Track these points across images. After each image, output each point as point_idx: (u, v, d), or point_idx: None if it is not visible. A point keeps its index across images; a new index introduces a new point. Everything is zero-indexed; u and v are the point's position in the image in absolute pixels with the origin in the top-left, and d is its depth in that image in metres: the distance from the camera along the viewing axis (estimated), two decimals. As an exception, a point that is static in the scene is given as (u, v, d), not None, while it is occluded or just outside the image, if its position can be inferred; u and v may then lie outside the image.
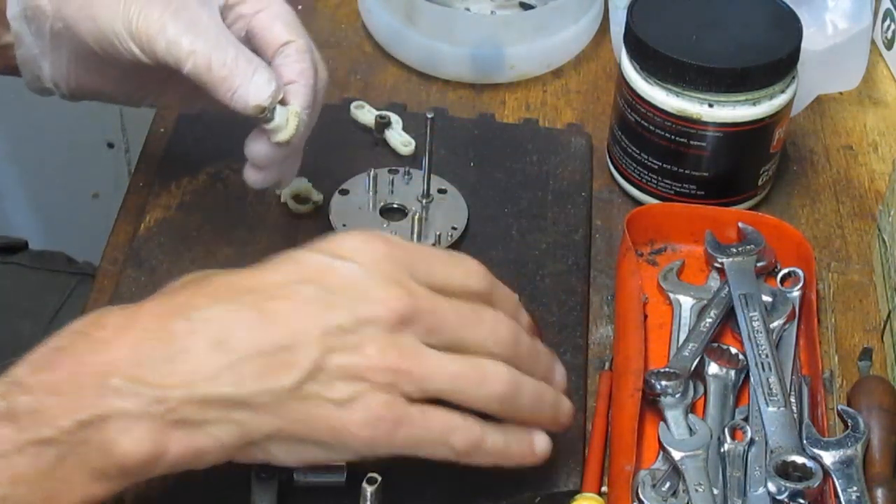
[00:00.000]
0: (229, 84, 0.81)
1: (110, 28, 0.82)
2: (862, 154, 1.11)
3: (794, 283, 0.95)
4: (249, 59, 0.81)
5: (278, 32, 0.84)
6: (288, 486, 0.81)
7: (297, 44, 0.84)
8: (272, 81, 0.81)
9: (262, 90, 0.81)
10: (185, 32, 0.80)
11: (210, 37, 0.81)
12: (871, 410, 0.86)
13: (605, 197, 1.05)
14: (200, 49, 0.80)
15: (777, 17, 1.00)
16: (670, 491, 0.82)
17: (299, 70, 0.84)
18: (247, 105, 0.81)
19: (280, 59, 0.84)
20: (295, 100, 0.83)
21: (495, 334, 0.75)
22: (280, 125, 0.83)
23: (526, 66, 1.15)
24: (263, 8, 0.85)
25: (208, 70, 0.80)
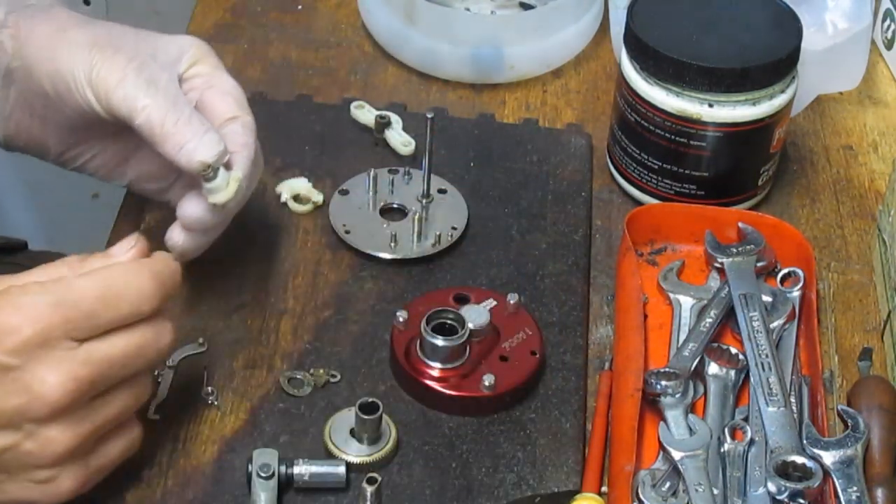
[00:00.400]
0: (178, 139, 0.82)
1: (70, 73, 0.83)
2: (862, 154, 1.11)
3: (794, 283, 0.95)
4: (202, 120, 0.83)
5: (227, 107, 0.87)
6: (288, 486, 0.81)
7: (243, 119, 0.87)
8: (221, 143, 0.83)
9: (211, 148, 0.82)
10: (145, 86, 0.82)
11: (167, 95, 0.83)
12: (871, 410, 0.86)
13: (605, 197, 1.05)
14: (156, 103, 0.82)
15: (777, 17, 1.00)
16: (670, 491, 0.82)
17: (243, 142, 0.86)
18: (192, 160, 0.82)
19: (226, 131, 0.86)
20: (238, 167, 0.85)
21: (157, 357, 0.78)
22: (220, 186, 0.84)
23: (526, 66, 1.15)
24: (215, 84, 0.87)
25: (161, 124, 0.82)
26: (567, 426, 0.87)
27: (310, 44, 1.18)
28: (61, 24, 0.85)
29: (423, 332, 0.86)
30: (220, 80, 0.88)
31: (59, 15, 0.86)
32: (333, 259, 0.97)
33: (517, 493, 0.83)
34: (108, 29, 0.86)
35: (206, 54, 0.88)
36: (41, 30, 0.85)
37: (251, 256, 0.97)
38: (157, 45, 0.86)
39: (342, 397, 0.87)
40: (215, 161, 0.83)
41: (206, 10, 1.21)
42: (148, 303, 0.75)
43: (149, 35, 0.87)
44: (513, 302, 0.91)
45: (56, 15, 0.86)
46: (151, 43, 0.86)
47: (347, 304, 0.94)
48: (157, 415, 0.85)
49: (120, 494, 0.81)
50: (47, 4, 0.87)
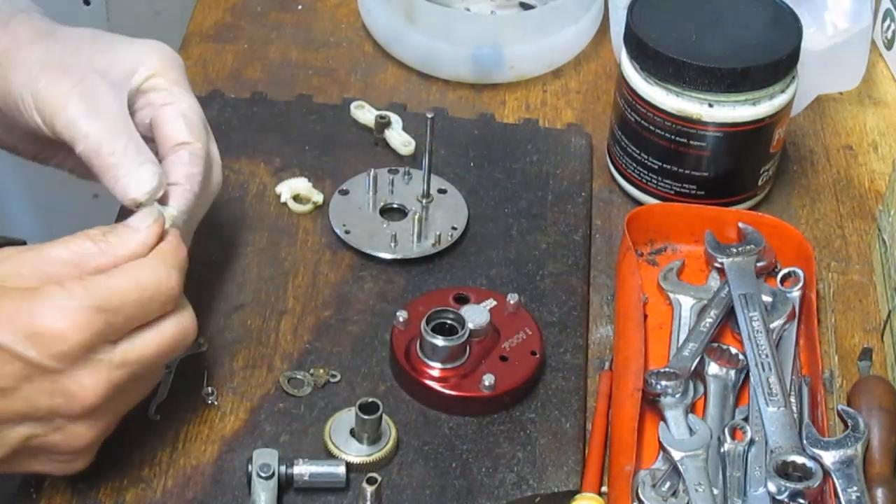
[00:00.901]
0: (114, 172, 0.81)
1: (18, 93, 0.82)
2: (862, 154, 1.11)
3: (794, 283, 0.95)
4: (139, 151, 0.82)
5: (178, 131, 0.85)
6: (288, 485, 0.81)
7: (192, 147, 0.85)
8: (154, 179, 0.82)
9: (143, 186, 0.81)
10: (85, 114, 0.81)
11: (107, 122, 0.81)
12: (871, 410, 0.86)
13: (605, 197, 1.05)
14: (94, 133, 0.81)
15: (777, 17, 1.00)
16: (670, 491, 0.82)
17: (186, 174, 0.84)
18: (125, 196, 0.81)
19: (173, 158, 0.84)
20: (174, 202, 0.84)
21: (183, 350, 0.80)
22: None
23: (526, 66, 1.15)
24: (172, 102, 0.85)
25: (98, 154, 0.81)
26: (567, 426, 0.87)
27: (310, 44, 1.18)
28: (16, 40, 0.84)
29: (423, 332, 0.86)
30: (177, 97, 0.85)
31: (17, 29, 0.85)
32: (333, 259, 0.97)
33: (517, 493, 0.83)
34: (64, 44, 0.84)
35: (167, 67, 0.86)
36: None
37: (251, 256, 0.97)
38: (115, 56, 0.85)
39: (342, 397, 0.87)
40: (146, 199, 0.81)
41: (206, 10, 1.21)
42: (174, 301, 0.78)
43: (109, 43, 0.86)
44: (513, 302, 0.91)
45: (14, 29, 0.85)
46: (109, 55, 0.85)
47: (347, 304, 0.94)
48: (157, 415, 0.85)
49: (120, 494, 0.81)
50: (10, 13, 0.86)
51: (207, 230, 0.98)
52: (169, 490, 0.82)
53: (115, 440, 0.82)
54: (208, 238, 0.97)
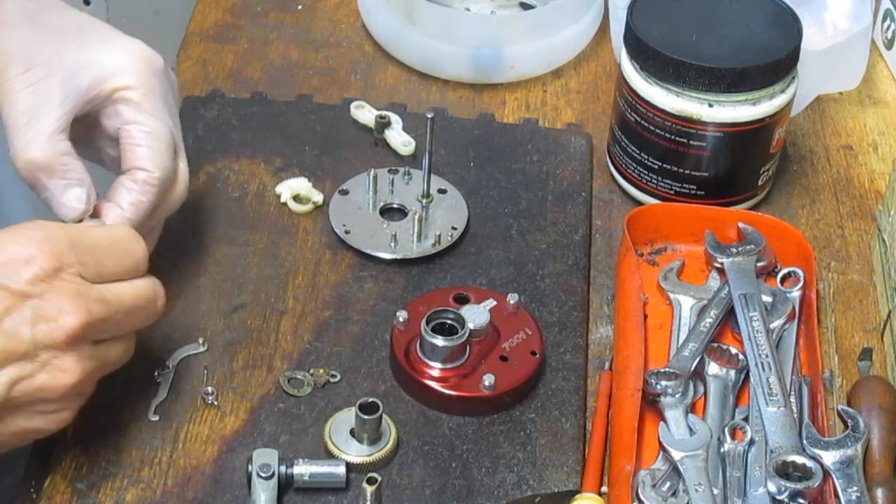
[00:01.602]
0: (38, 190, 0.83)
1: None
2: (862, 154, 1.11)
3: (794, 283, 0.95)
4: (65, 172, 0.83)
5: (138, 155, 0.85)
6: (288, 485, 0.81)
7: (147, 175, 0.84)
8: (80, 204, 0.83)
9: (68, 211, 0.83)
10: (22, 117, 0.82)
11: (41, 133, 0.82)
12: (871, 410, 0.86)
13: (605, 197, 1.05)
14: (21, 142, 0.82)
15: (777, 17, 1.00)
16: (670, 491, 0.82)
17: (132, 200, 0.84)
18: (57, 213, 0.83)
19: (125, 180, 0.85)
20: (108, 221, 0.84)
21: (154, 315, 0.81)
22: None
23: (526, 66, 1.15)
24: (139, 122, 0.85)
25: (21, 168, 0.83)
26: (567, 426, 0.87)
27: (310, 44, 1.18)
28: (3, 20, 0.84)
29: (423, 332, 0.86)
30: (146, 117, 0.85)
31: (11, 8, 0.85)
32: (333, 259, 0.97)
33: (517, 493, 0.83)
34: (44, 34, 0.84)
35: (144, 81, 0.85)
36: None
37: (251, 256, 0.97)
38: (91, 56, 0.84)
39: (342, 397, 0.87)
40: (71, 220, 0.83)
41: (206, 10, 1.21)
42: (143, 265, 0.79)
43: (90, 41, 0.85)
44: (513, 302, 0.91)
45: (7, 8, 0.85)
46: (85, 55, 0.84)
47: (347, 304, 0.94)
48: (156, 415, 0.85)
49: (120, 494, 0.81)
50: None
51: (207, 230, 0.98)
52: (169, 490, 0.82)
53: (115, 440, 0.82)
54: (208, 238, 0.97)
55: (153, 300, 0.80)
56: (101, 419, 0.84)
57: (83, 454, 0.83)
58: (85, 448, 0.83)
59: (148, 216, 0.85)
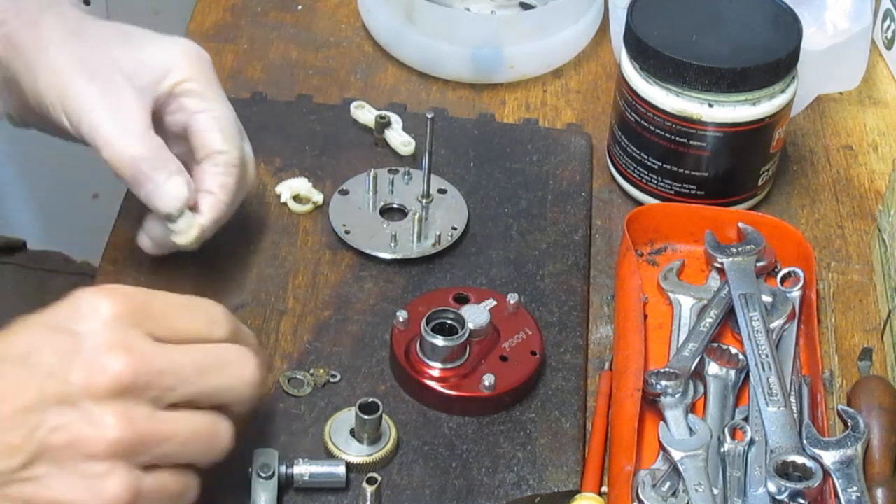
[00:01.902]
0: (141, 184, 0.82)
1: (47, 96, 0.83)
2: (862, 154, 1.11)
3: (794, 283, 0.95)
4: (165, 163, 0.82)
5: (214, 139, 0.85)
6: (288, 485, 0.81)
7: (227, 156, 0.85)
8: (183, 191, 0.82)
9: (172, 200, 0.82)
10: (109, 122, 0.82)
11: (133, 132, 0.82)
12: (871, 410, 0.86)
13: (605, 197, 1.05)
14: (119, 143, 0.82)
15: (777, 17, 1.00)
16: (670, 491, 0.82)
17: (220, 183, 0.85)
18: (153, 206, 0.82)
19: (207, 166, 0.85)
20: (206, 211, 0.85)
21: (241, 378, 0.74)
22: (182, 230, 0.85)
23: (526, 66, 1.15)
24: (206, 109, 0.86)
25: (122, 165, 0.82)
26: (567, 426, 0.87)
27: (310, 44, 1.18)
28: (46, 40, 0.84)
29: (423, 332, 0.86)
30: (211, 103, 0.86)
31: (47, 29, 0.85)
32: (333, 259, 0.97)
33: (517, 493, 0.83)
34: (92, 45, 0.85)
35: (199, 70, 0.86)
36: (27, 47, 0.85)
37: (251, 256, 0.97)
38: (144, 58, 0.85)
39: (342, 397, 0.87)
40: (176, 211, 0.82)
41: (206, 10, 1.21)
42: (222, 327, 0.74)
43: (138, 44, 0.86)
44: (513, 302, 0.91)
45: (43, 28, 0.85)
46: (137, 57, 0.85)
47: (347, 304, 0.94)
48: (157, 415, 0.85)
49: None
50: (39, 11, 0.86)
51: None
52: (169, 490, 0.81)
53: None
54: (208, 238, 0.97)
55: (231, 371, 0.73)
56: (101, 419, 0.84)
57: (83, 454, 0.83)
58: (85, 448, 0.83)
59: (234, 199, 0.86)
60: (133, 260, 0.95)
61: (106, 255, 0.97)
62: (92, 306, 0.70)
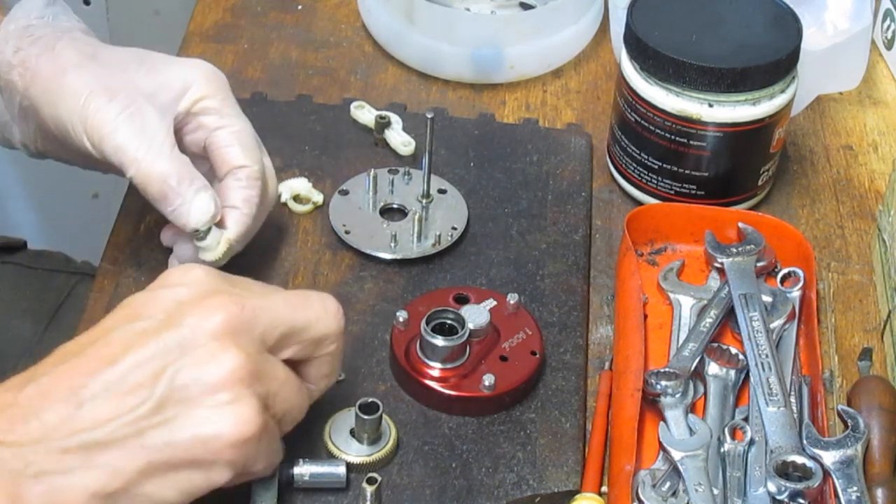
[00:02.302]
0: (169, 201, 0.83)
1: (68, 119, 0.84)
2: (862, 154, 1.11)
3: (794, 283, 0.95)
4: (192, 179, 0.83)
5: (234, 155, 0.86)
6: (288, 486, 0.81)
7: (249, 170, 0.86)
8: (210, 206, 0.83)
9: (200, 215, 0.83)
10: (134, 139, 0.82)
11: (157, 148, 0.83)
12: (871, 410, 0.86)
13: (605, 197, 1.05)
14: (144, 160, 0.82)
15: (777, 17, 1.00)
16: (670, 491, 0.82)
17: (245, 197, 0.86)
18: (181, 223, 0.83)
19: (230, 181, 0.86)
20: (232, 226, 0.85)
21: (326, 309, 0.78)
22: (210, 246, 0.85)
23: (526, 66, 1.15)
24: (225, 126, 0.86)
25: (149, 183, 0.83)
26: (567, 426, 0.87)
27: (310, 44, 1.18)
28: (63, 65, 0.85)
29: (423, 332, 0.86)
30: (230, 119, 0.87)
31: (63, 52, 0.86)
32: (333, 259, 0.97)
33: (517, 493, 0.83)
34: (109, 68, 0.85)
35: (215, 87, 0.87)
36: (43, 72, 0.85)
37: (251, 256, 0.96)
38: (161, 78, 0.86)
39: (342, 397, 0.87)
40: (204, 226, 0.83)
41: (206, 10, 1.21)
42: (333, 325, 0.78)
43: (154, 65, 0.87)
44: (513, 302, 0.91)
45: (59, 52, 0.86)
46: (155, 77, 0.86)
47: (347, 304, 0.93)
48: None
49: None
50: (55, 36, 0.87)
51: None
52: (169, 490, 0.81)
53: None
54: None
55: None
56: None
57: (83, 454, 0.83)
58: (85, 448, 0.83)
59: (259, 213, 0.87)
60: (133, 260, 0.95)
61: (106, 255, 0.97)
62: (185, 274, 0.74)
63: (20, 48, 0.86)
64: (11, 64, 0.86)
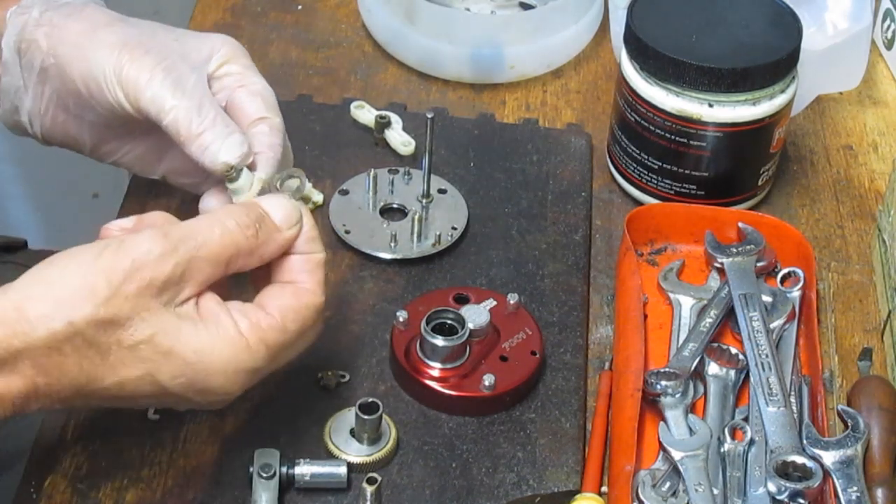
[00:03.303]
0: (203, 140, 0.83)
1: (101, 71, 0.84)
2: (862, 154, 1.11)
3: (794, 283, 0.95)
4: (227, 122, 0.84)
5: (257, 108, 0.87)
6: (288, 486, 0.81)
7: (272, 121, 0.87)
8: (244, 145, 0.84)
9: (234, 150, 0.83)
10: (172, 88, 0.83)
11: (194, 96, 0.83)
12: (871, 410, 0.86)
13: (605, 197, 1.05)
14: (183, 105, 0.83)
15: (777, 17, 1.00)
16: (670, 491, 0.82)
17: (269, 143, 0.86)
18: (216, 161, 0.83)
19: (254, 131, 0.86)
20: (262, 168, 0.85)
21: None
22: (242, 187, 0.85)
23: (526, 66, 1.15)
24: (246, 84, 0.87)
25: (187, 124, 0.83)
26: (567, 426, 0.87)
27: (310, 44, 1.18)
28: (93, 23, 0.86)
29: (423, 332, 0.86)
30: (251, 80, 0.88)
31: (93, 14, 0.87)
32: (333, 259, 0.97)
33: (517, 493, 0.83)
34: (140, 29, 0.87)
35: (238, 54, 0.88)
36: (74, 28, 0.86)
37: (251, 256, 0.96)
38: (189, 44, 0.87)
39: (342, 397, 0.87)
40: (238, 162, 0.83)
41: (206, 10, 1.21)
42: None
43: (181, 34, 0.88)
44: (513, 302, 0.91)
45: (89, 14, 0.87)
46: (183, 42, 0.87)
47: (347, 304, 0.94)
48: (157, 415, 0.85)
49: (120, 494, 0.81)
50: (81, 3, 0.88)
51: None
52: (169, 490, 0.82)
53: (115, 440, 0.82)
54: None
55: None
56: (101, 419, 0.84)
57: (83, 454, 0.83)
58: (85, 448, 0.83)
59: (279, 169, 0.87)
60: (133, 260, 0.95)
61: (106, 255, 0.97)
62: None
63: (47, 9, 0.87)
64: (39, 22, 0.87)
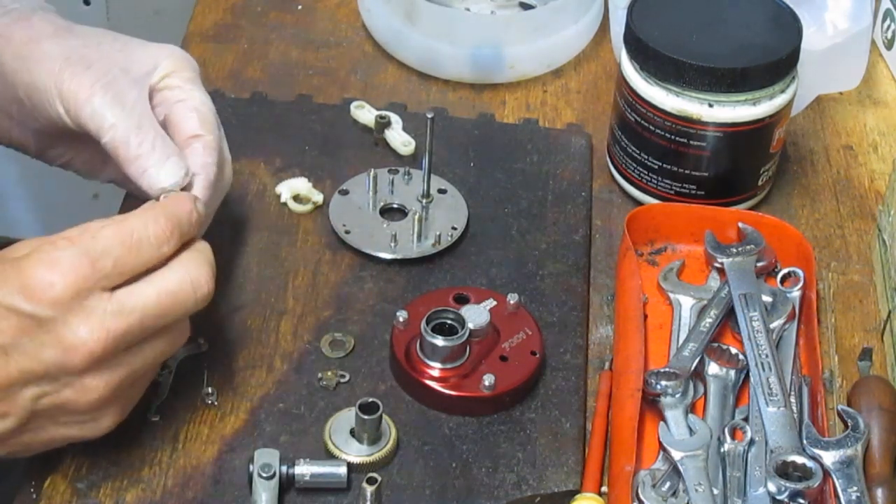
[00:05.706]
0: (142, 163, 0.83)
1: (43, 85, 0.84)
2: (862, 154, 1.11)
3: (794, 283, 0.95)
4: (165, 143, 0.84)
5: (191, 125, 0.87)
6: (288, 486, 0.81)
7: (205, 139, 0.86)
8: (182, 168, 0.84)
9: (171, 176, 0.83)
10: (111, 106, 0.83)
11: (133, 115, 0.83)
12: (871, 410, 0.86)
13: (605, 197, 1.05)
14: (122, 124, 0.83)
15: (777, 17, 1.00)
16: (670, 491, 0.82)
17: (202, 164, 0.86)
18: (152, 186, 0.83)
19: (187, 150, 0.86)
20: (196, 190, 0.85)
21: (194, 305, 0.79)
22: None
23: (526, 66, 1.15)
24: (184, 99, 0.87)
25: (125, 146, 0.83)
26: (567, 426, 0.87)
27: (310, 44, 1.18)
28: (37, 33, 0.85)
29: (423, 332, 0.86)
30: (190, 94, 0.87)
31: (38, 24, 0.86)
32: (333, 259, 0.97)
33: (517, 493, 0.83)
34: (85, 40, 0.86)
35: (181, 67, 0.88)
36: (18, 38, 0.85)
37: (251, 256, 0.97)
38: (134, 55, 0.86)
39: (342, 397, 0.87)
40: (174, 186, 0.83)
41: (206, 10, 1.21)
42: (167, 243, 0.78)
43: (126, 44, 0.87)
44: (513, 302, 0.91)
45: (34, 24, 0.86)
46: (127, 54, 0.86)
47: (347, 304, 0.94)
48: (157, 415, 0.85)
49: (120, 494, 0.81)
50: (29, 10, 0.87)
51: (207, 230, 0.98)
52: (169, 490, 0.82)
53: (115, 440, 0.82)
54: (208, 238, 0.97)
55: (187, 291, 0.78)
56: (101, 419, 0.84)
57: (83, 454, 0.83)
58: (85, 448, 0.83)
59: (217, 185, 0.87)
60: (133, 260, 0.95)
61: (106, 255, 0.97)
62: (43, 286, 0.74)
63: None
64: None
